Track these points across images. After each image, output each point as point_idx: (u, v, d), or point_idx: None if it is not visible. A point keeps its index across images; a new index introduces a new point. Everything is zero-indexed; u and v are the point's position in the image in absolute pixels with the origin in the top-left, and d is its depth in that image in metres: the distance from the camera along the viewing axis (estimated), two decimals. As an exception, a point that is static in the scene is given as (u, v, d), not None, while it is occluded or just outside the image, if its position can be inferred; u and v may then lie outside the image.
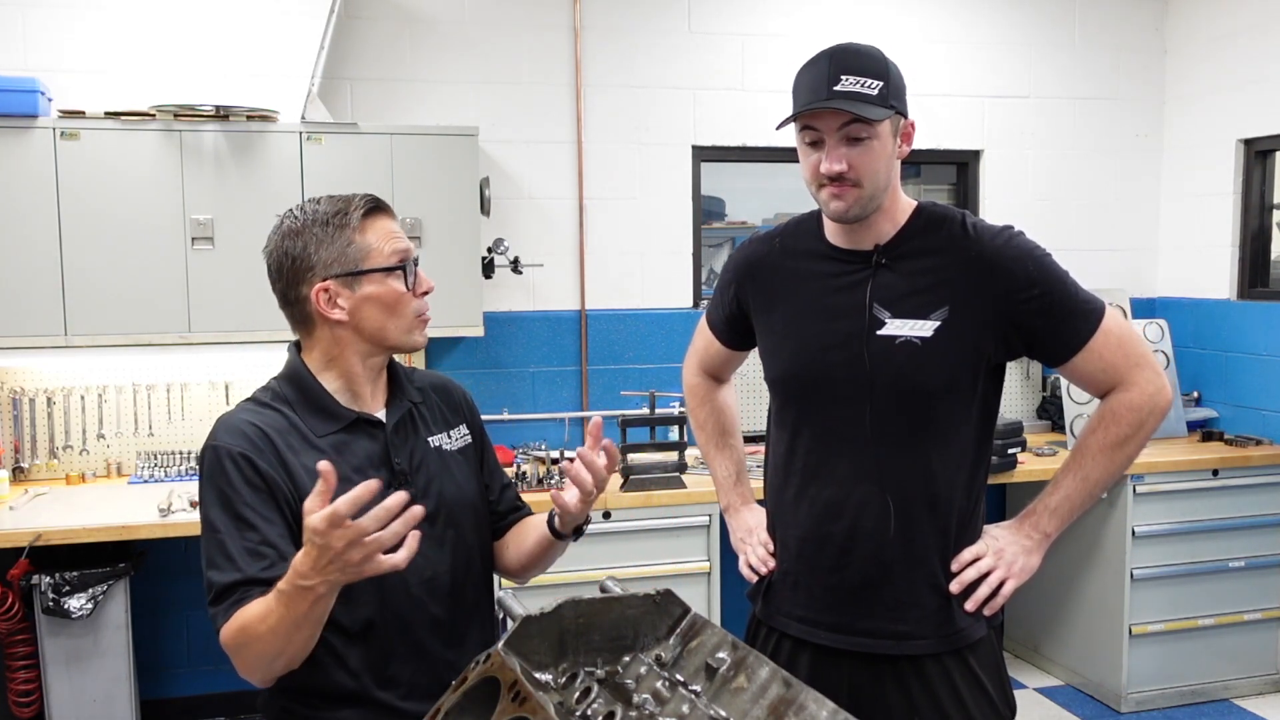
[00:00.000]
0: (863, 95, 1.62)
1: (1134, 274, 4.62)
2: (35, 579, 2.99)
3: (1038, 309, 1.69)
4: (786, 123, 1.68)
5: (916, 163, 4.60)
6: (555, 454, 3.55)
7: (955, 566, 1.75)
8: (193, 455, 3.64)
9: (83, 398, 3.61)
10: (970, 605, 1.74)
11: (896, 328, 1.70)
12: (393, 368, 1.68)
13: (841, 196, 1.67)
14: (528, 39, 3.95)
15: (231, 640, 1.40)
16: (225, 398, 3.67)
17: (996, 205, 4.42)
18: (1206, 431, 4.19)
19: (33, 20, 3.50)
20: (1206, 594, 3.86)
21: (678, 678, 1.14)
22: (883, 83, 1.63)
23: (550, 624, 1.12)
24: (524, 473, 3.48)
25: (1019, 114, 4.44)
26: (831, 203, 1.69)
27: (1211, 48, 4.34)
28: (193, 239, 3.29)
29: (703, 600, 3.46)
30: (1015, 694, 1.86)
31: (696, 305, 4.18)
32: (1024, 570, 1.75)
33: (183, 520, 3.06)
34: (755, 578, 1.91)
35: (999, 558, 1.75)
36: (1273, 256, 4.27)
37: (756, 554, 1.90)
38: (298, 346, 1.63)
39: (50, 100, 3.33)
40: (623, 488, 3.43)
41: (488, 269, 3.71)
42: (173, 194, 3.27)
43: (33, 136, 3.16)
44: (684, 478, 3.49)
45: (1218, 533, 3.86)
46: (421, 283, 1.61)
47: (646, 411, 3.56)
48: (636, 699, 1.12)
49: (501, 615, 1.38)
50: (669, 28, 4.07)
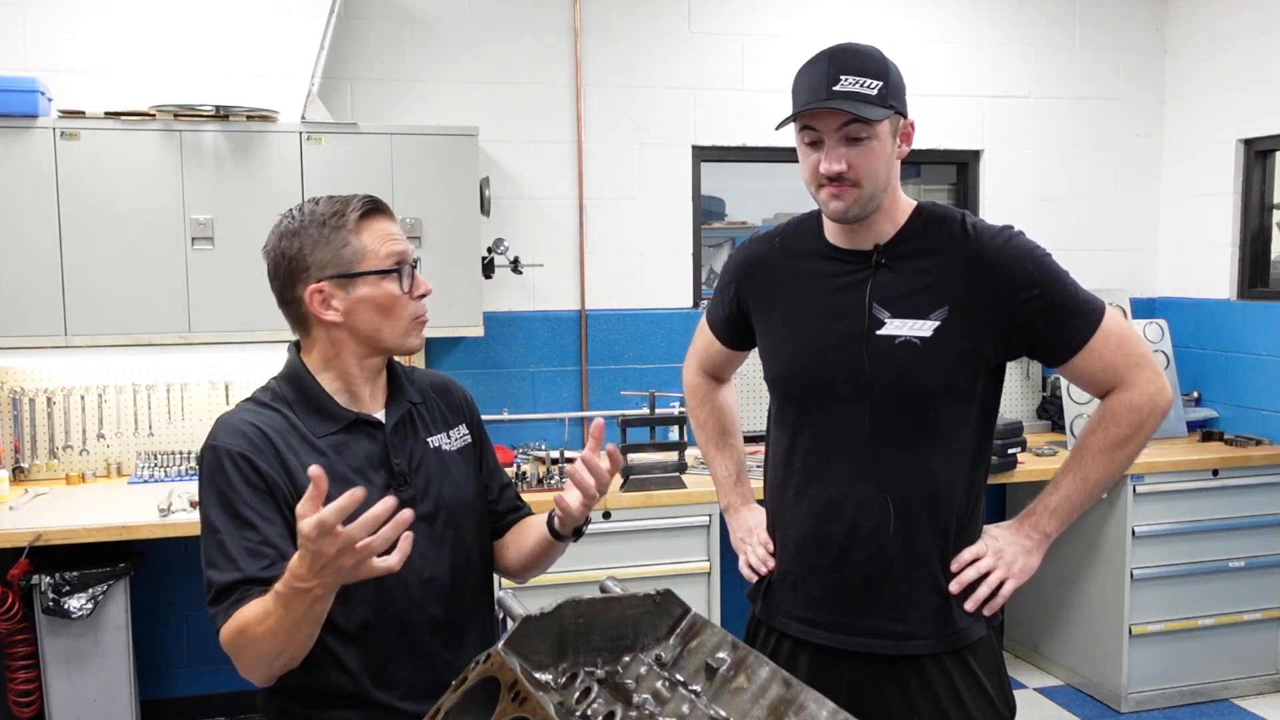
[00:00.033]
0: (862, 95, 1.62)
1: (1134, 274, 4.62)
2: (35, 579, 2.99)
3: (1038, 309, 1.68)
4: (786, 123, 1.68)
5: (916, 163, 4.60)
6: (555, 454, 3.55)
7: (955, 566, 1.75)
8: (193, 455, 3.64)
9: (83, 398, 3.61)
10: (970, 605, 1.74)
11: (896, 328, 1.70)
12: (392, 368, 1.68)
13: (841, 196, 1.67)
14: (528, 39, 3.95)
15: (231, 641, 1.40)
16: (225, 398, 3.67)
17: (996, 205, 4.42)
18: (1206, 431, 4.19)
19: (33, 20, 3.50)
20: (1206, 594, 3.86)
21: (678, 678, 1.14)
22: (882, 83, 1.63)
23: (550, 624, 1.12)
24: (524, 473, 3.48)
25: (1019, 114, 4.44)
26: (831, 203, 1.70)
27: (1211, 48, 4.34)
28: (193, 239, 3.29)
29: (703, 600, 3.46)
30: (1015, 694, 1.86)
31: (696, 305, 4.18)
32: (1024, 570, 1.75)
33: (183, 520, 3.06)
34: (755, 578, 1.91)
35: (999, 558, 1.75)
36: (1273, 256, 4.27)
37: (756, 554, 1.90)
38: (298, 346, 1.63)
39: (50, 100, 3.33)
40: (623, 488, 3.43)
41: (488, 269, 3.71)
42: (173, 194, 3.27)
43: (33, 136, 3.16)
44: (684, 478, 3.49)
45: (1218, 533, 3.86)
46: (419, 285, 1.59)
47: (646, 411, 3.56)
48: (636, 699, 1.12)
49: (501, 615, 1.38)
50: (669, 28, 4.07)
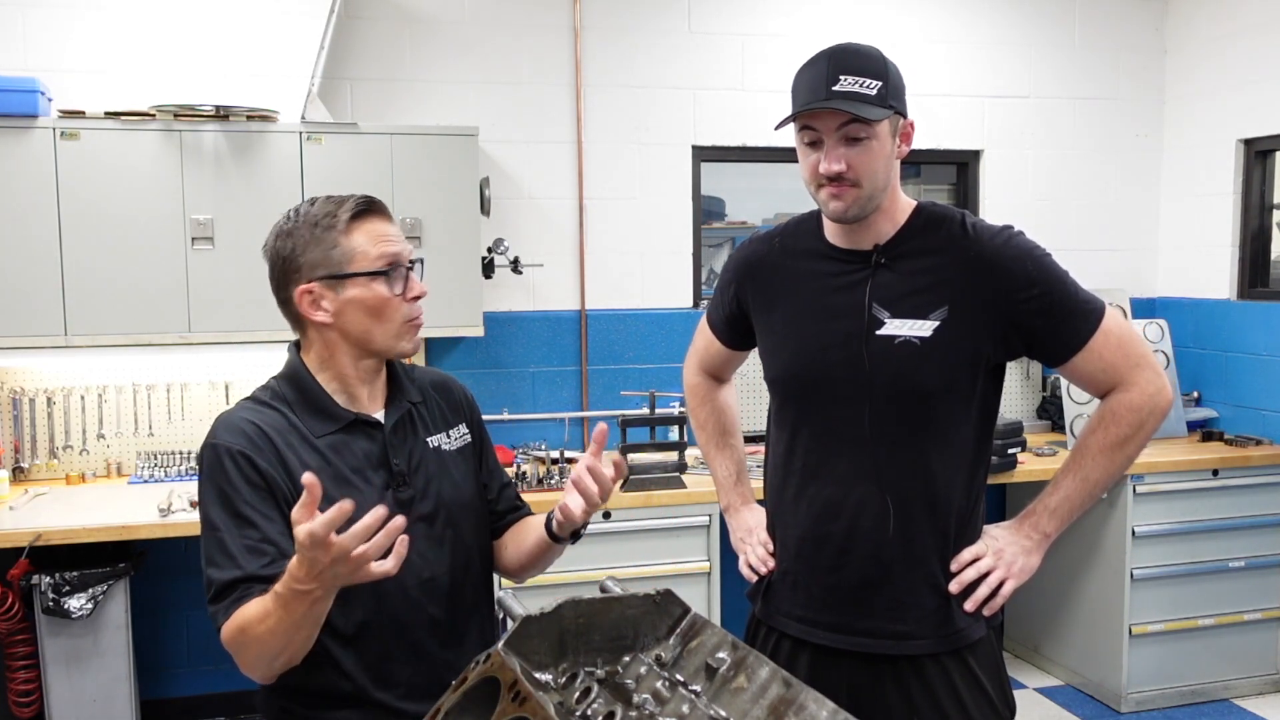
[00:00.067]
0: (861, 95, 1.62)
1: (1134, 274, 4.62)
2: (35, 579, 2.99)
3: (1037, 309, 1.68)
4: (785, 123, 1.68)
5: (916, 163, 4.59)
6: (555, 454, 3.55)
7: (955, 566, 1.75)
8: (193, 455, 3.64)
9: (83, 398, 3.60)
10: (969, 605, 1.74)
11: (896, 327, 1.70)
12: (392, 368, 1.67)
13: (840, 196, 1.67)
14: (528, 39, 3.94)
15: (232, 639, 1.40)
16: (225, 398, 3.67)
17: (996, 205, 4.42)
18: (1206, 431, 4.19)
19: (33, 20, 3.50)
20: (1206, 594, 3.86)
21: (678, 678, 1.14)
22: (881, 83, 1.63)
23: (550, 624, 1.11)
24: (524, 473, 3.48)
25: (1019, 114, 4.44)
26: (830, 203, 1.69)
27: (1211, 48, 4.34)
28: (193, 239, 3.29)
29: (703, 600, 3.46)
30: (1015, 694, 1.86)
31: (696, 305, 4.18)
32: (1023, 570, 1.75)
33: (183, 520, 3.06)
34: (755, 577, 1.91)
35: (998, 558, 1.75)
36: (1273, 256, 4.27)
37: (756, 554, 1.90)
38: (298, 346, 1.63)
39: (50, 100, 3.33)
40: (623, 488, 3.42)
41: (488, 269, 3.71)
42: (173, 194, 3.27)
43: (33, 136, 3.16)
44: (684, 478, 3.49)
45: (1218, 533, 3.86)
46: (412, 287, 1.56)
47: (646, 411, 3.56)
48: (636, 699, 1.12)
49: (501, 615, 1.38)
50: (669, 28, 4.07)
